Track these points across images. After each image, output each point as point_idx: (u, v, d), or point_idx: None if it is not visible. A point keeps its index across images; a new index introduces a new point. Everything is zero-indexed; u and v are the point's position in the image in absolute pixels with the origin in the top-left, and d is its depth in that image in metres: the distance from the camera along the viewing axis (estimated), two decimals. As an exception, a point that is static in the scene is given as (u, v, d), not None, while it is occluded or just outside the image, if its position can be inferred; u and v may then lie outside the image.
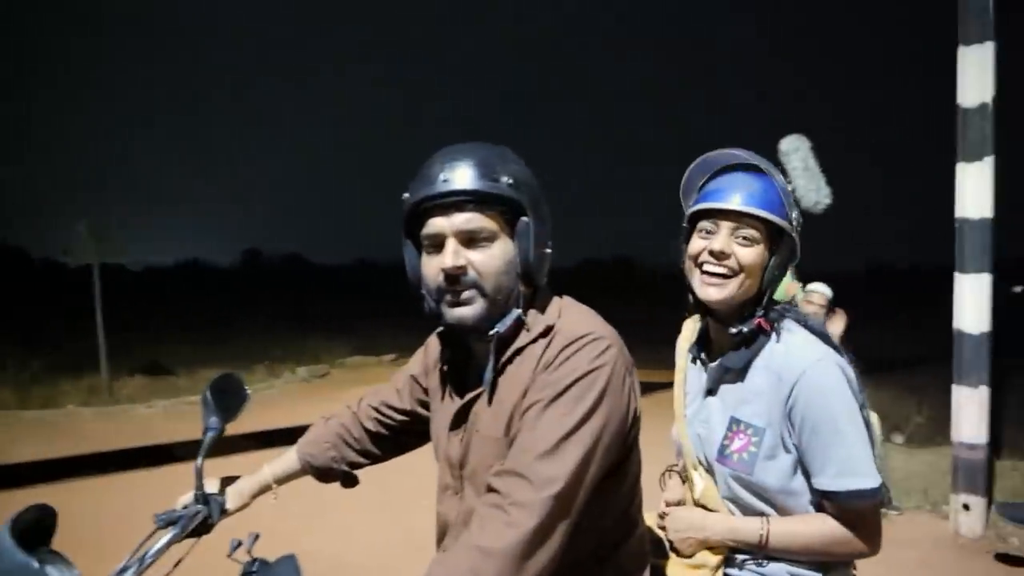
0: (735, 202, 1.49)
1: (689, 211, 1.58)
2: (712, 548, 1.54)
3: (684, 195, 1.64)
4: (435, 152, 1.27)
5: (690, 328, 1.76)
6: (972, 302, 4.33)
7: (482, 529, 1.08)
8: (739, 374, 1.55)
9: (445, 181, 1.20)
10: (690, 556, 1.55)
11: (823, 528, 1.45)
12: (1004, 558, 4.01)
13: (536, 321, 1.26)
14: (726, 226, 1.50)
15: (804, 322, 1.55)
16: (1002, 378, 4.65)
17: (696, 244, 1.55)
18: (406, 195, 1.26)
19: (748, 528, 1.49)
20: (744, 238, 1.49)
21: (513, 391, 1.23)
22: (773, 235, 1.51)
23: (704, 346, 1.68)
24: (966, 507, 4.33)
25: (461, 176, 1.19)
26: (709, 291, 1.53)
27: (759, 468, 1.48)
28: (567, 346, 1.19)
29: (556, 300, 1.33)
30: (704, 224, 1.54)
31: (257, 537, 1.36)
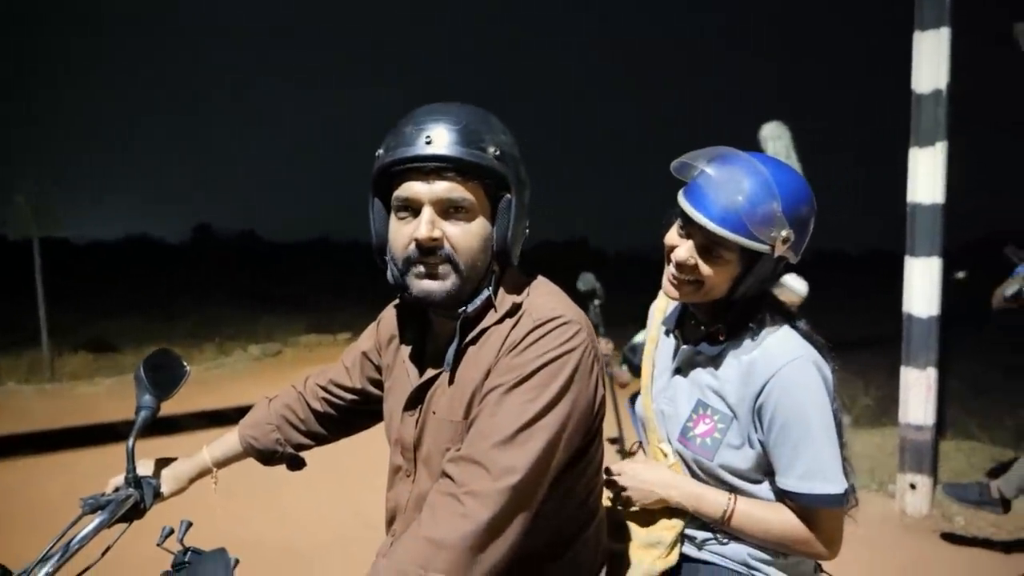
0: (707, 217, 1.36)
1: (678, 197, 1.46)
2: (668, 519, 1.49)
3: (677, 173, 1.49)
4: (414, 109, 1.16)
5: (665, 298, 1.67)
6: (922, 286, 4.39)
7: (434, 519, 1.00)
8: (712, 360, 1.49)
9: (429, 143, 1.09)
10: (645, 513, 1.50)
11: (787, 521, 1.41)
12: (949, 537, 4.10)
13: (504, 301, 1.19)
14: (695, 236, 1.41)
15: (790, 320, 1.48)
16: (947, 360, 4.74)
17: (669, 237, 1.48)
18: (380, 151, 1.15)
19: (715, 499, 1.44)
20: (711, 254, 1.40)
21: (475, 372, 1.16)
22: (750, 251, 1.38)
23: (680, 321, 1.61)
24: (912, 487, 4.42)
25: (447, 140, 1.09)
26: (670, 289, 1.48)
27: (721, 454, 1.44)
28: (535, 328, 1.12)
29: (525, 279, 1.25)
30: (682, 220, 1.44)
31: (190, 525, 1.28)
